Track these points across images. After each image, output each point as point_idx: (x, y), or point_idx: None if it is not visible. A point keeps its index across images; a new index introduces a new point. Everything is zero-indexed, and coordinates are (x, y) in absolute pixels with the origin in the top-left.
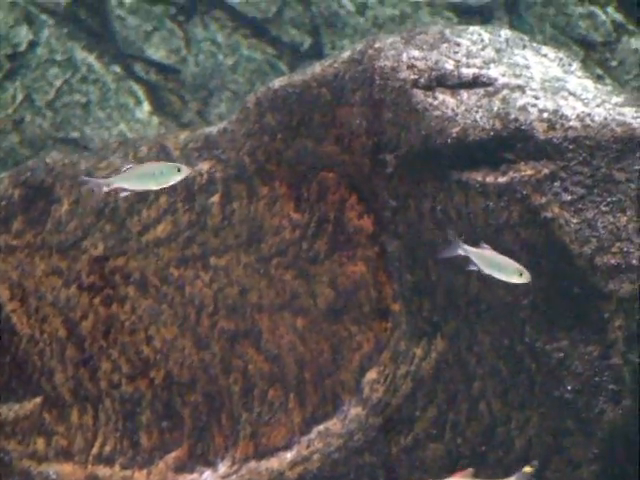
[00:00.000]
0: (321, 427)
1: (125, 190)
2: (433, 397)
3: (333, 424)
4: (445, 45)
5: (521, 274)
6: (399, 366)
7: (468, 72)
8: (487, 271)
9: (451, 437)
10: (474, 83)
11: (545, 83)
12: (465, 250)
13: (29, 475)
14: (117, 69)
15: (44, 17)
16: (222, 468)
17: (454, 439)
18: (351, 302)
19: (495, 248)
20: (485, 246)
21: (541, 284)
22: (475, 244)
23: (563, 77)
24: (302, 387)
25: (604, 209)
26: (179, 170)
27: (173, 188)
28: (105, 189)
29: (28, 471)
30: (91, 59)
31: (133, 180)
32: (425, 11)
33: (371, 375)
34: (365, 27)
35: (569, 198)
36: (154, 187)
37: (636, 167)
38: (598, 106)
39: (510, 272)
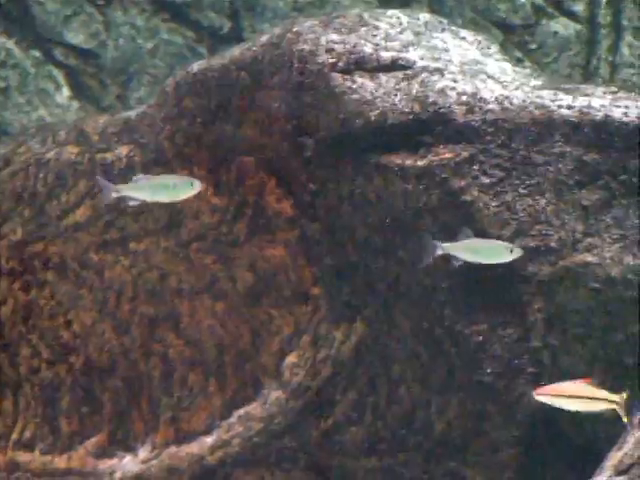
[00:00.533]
0: (241, 411)
1: (135, 200)
2: (353, 381)
3: (253, 408)
4: (364, 29)
5: (511, 250)
6: (319, 350)
7: (387, 55)
8: (475, 261)
9: (371, 421)
10: (393, 66)
11: (464, 66)
12: (444, 248)
13: None
14: (36, 54)
15: None
16: (142, 453)
17: (374, 423)
18: (271, 286)
19: (415, 231)
20: (464, 232)
21: (460, 267)
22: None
23: (482, 60)
24: (222, 371)
25: (523, 192)
26: (192, 185)
27: (92, 172)
28: (114, 195)
29: None
30: (10, 44)
31: (145, 191)
32: None
33: (291, 359)
34: (285, 10)
35: (488, 181)
36: (165, 200)
37: (554, 150)
38: (516, 89)
39: (500, 253)
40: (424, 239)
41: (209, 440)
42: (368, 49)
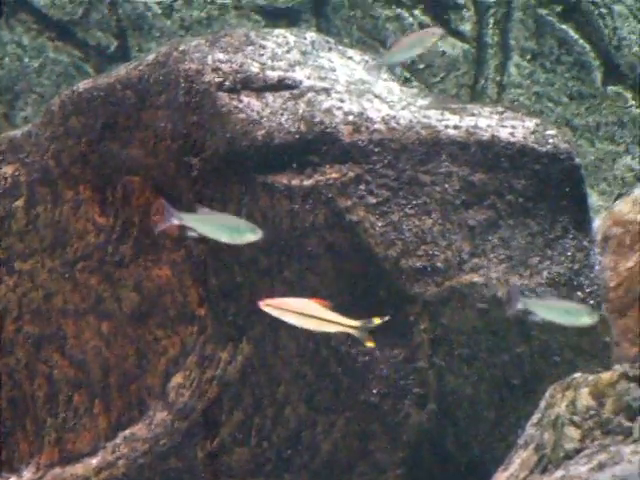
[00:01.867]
0: (127, 432)
1: (193, 232)
2: (239, 401)
3: (139, 429)
4: (250, 48)
5: (590, 313)
6: (205, 370)
7: (273, 75)
8: (552, 319)
9: (257, 441)
10: (279, 86)
11: (351, 86)
12: (525, 304)
13: None
14: None
15: None
16: (27, 474)
17: (260, 443)
18: (157, 306)
19: (300, 251)
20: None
21: (346, 287)
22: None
23: (368, 80)
24: (107, 392)
25: (409, 212)
26: (253, 231)
27: None
28: (175, 222)
29: None
30: None
31: (207, 226)
32: (232, 14)
33: (177, 379)
34: (172, 29)
35: (374, 201)
36: (224, 240)
37: (441, 169)
38: (403, 109)
39: (578, 314)
40: (512, 291)
41: (94, 461)
42: (255, 68)
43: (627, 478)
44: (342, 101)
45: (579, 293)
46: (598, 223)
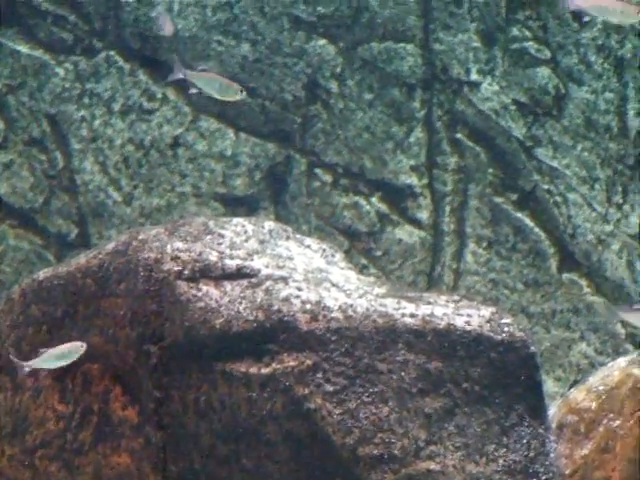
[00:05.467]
0: None
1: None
2: None
3: None
4: (209, 237)
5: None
6: None
7: (232, 264)
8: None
9: None
10: (238, 274)
11: (308, 274)
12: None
13: None
14: None
15: None
16: None
17: None
18: None
19: (258, 439)
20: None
21: (305, 476)
22: None
23: (326, 268)
24: None
25: (366, 399)
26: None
27: None
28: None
29: None
30: None
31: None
32: (192, 201)
33: None
34: (132, 217)
35: (331, 389)
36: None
37: (398, 358)
38: (360, 297)
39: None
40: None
41: None
42: (213, 257)
43: None
44: (300, 289)
45: None
46: (553, 410)
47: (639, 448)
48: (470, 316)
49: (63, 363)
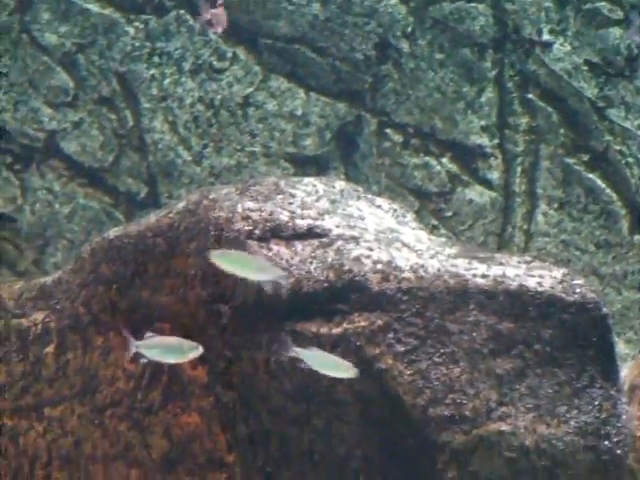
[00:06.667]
0: None
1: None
2: None
3: None
4: (280, 196)
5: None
6: None
7: (303, 223)
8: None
9: None
10: (309, 234)
11: (379, 234)
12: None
13: None
14: None
15: None
16: None
17: None
18: (185, 453)
19: (329, 400)
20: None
21: (375, 435)
22: None
23: (397, 228)
24: None
25: (437, 360)
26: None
27: (6, 337)
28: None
29: None
30: None
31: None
32: (261, 161)
33: None
34: (201, 176)
35: (402, 349)
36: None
37: (469, 318)
38: (431, 257)
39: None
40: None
41: None
42: (284, 217)
43: None
44: (371, 250)
45: (606, 442)
46: (625, 372)
47: None
48: (542, 277)
49: (171, 360)
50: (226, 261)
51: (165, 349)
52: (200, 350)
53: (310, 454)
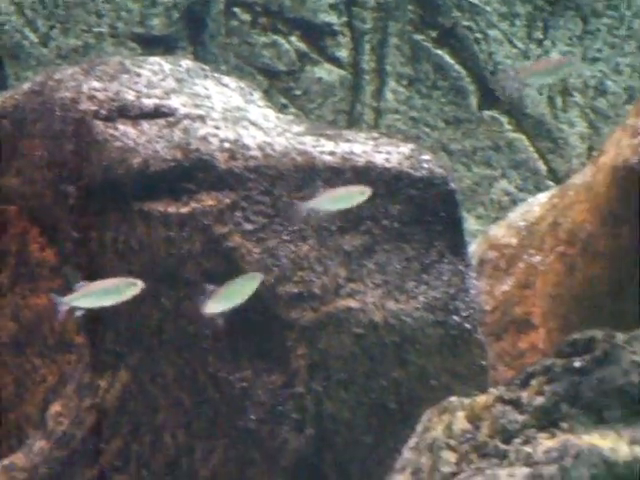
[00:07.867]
0: (6, 462)
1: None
2: (118, 429)
3: (18, 458)
4: (126, 76)
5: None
6: (83, 399)
7: (149, 103)
8: None
9: (136, 468)
10: (155, 114)
11: (226, 113)
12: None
13: None
14: None
15: None
16: None
17: (139, 470)
18: (34, 335)
19: (178, 279)
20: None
21: (224, 314)
22: None
23: (244, 107)
24: None
25: (286, 238)
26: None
27: None
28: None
29: None
30: None
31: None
32: (109, 42)
33: (55, 408)
34: (49, 58)
35: (251, 227)
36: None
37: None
38: (279, 135)
39: None
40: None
41: None
42: (130, 96)
43: None
44: (218, 128)
45: (455, 317)
46: (474, 247)
47: (559, 284)
48: (389, 153)
49: (110, 301)
50: None
51: (101, 293)
52: (141, 285)
53: (159, 333)
